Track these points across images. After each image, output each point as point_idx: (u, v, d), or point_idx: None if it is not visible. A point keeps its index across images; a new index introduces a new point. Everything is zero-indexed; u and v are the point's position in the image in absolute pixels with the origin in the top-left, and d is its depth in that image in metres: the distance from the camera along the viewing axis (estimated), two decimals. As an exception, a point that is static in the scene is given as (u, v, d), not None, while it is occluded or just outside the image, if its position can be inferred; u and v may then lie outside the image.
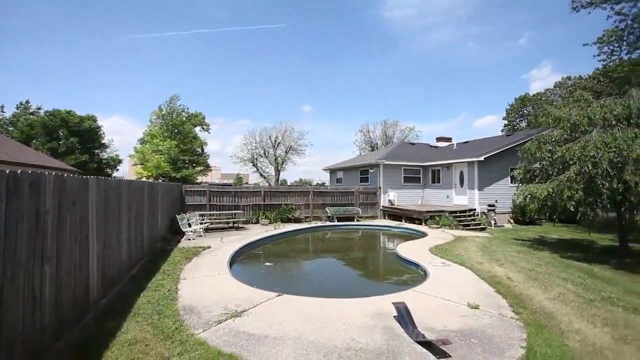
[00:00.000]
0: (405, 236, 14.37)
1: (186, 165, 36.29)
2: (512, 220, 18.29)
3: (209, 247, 10.45)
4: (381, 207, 20.74)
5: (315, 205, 19.47)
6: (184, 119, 37.40)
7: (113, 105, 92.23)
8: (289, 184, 51.73)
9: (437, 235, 13.10)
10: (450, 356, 3.91)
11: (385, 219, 20.17)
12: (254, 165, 44.90)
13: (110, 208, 5.72)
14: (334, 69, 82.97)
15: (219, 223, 15.84)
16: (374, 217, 20.44)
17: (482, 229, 15.81)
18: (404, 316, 4.72)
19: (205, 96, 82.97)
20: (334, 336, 4.39)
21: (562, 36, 62.98)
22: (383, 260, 11.77)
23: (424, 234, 13.72)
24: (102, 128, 39.06)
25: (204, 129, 41.43)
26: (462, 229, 15.44)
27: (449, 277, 7.27)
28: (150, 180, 15.53)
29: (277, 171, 45.33)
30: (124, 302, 5.41)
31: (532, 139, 12.12)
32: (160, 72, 74.05)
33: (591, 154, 8.94)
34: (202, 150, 41.07)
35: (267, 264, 10.20)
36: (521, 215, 17.49)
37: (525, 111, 48.97)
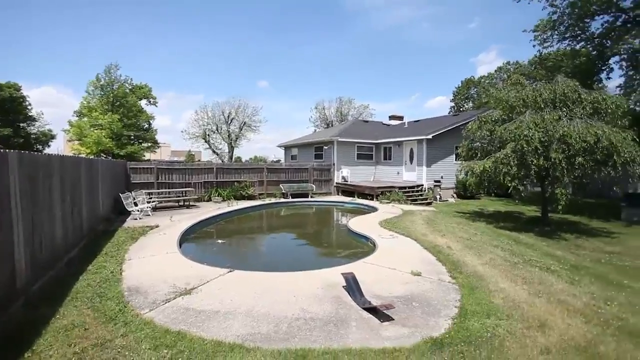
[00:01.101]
0: (358, 211, 14.89)
1: (131, 142, 33.74)
2: (455, 195, 19.67)
3: (157, 227, 10.01)
4: (335, 184, 21.14)
5: (269, 182, 19.33)
6: (127, 90, 34.39)
7: (43, 73, 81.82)
8: (243, 161, 50.59)
9: (387, 210, 13.73)
10: (393, 319, 4.22)
11: (338, 195, 20.64)
12: (206, 141, 43.05)
13: (38, 186, 5.20)
14: (291, 44, 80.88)
15: (169, 202, 15.16)
16: (328, 194, 20.81)
17: (429, 204, 16.85)
18: (352, 286, 4.96)
19: (153, 68, 76.45)
20: (285, 308, 4.51)
21: (509, 23, 66.72)
22: (335, 234, 12.13)
23: (375, 209, 14.30)
24: (27, 98, 34.73)
25: (150, 102, 38.46)
26: (411, 204, 16.32)
27: (396, 248, 7.73)
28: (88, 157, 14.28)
29: (231, 148, 43.96)
30: (60, 286, 5.05)
31: (474, 119, 12.94)
32: (101, 40, 66.47)
33: (525, 133, 9.77)
34: (150, 125, 38.34)
35: (220, 241, 10.05)
36: (463, 190, 18.82)
37: (470, 93, 51.66)
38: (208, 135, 42.88)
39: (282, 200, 18.14)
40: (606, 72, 18.04)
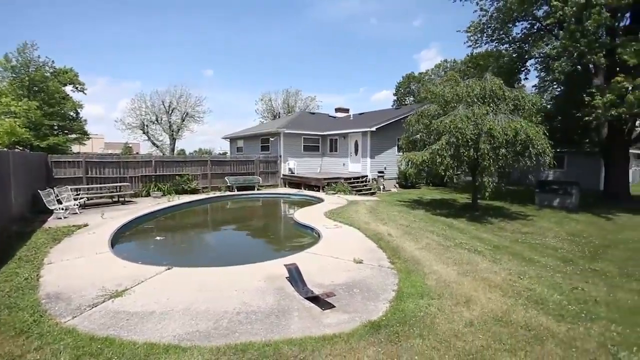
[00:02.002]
0: (304, 203, 14.99)
1: (55, 132, 30.10)
2: (397, 185, 20.69)
3: (86, 225, 9.13)
4: (282, 176, 21.02)
5: (213, 175, 18.63)
6: (47, 74, 30.42)
7: None
8: (188, 153, 48.02)
9: (332, 201, 14.01)
10: (334, 306, 4.33)
11: (285, 187, 20.58)
12: (144, 133, 40.09)
13: None
14: (239, 33, 77.73)
15: (101, 198, 13.90)
16: (274, 186, 20.64)
17: (373, 194, 17.52)
18: (295, 276, 5.00)
19: (83, 51, 68.38)
20: (225, 303, 4.40)
21: (449, 23, 71.06)
22: (281, 226, 12.11)
23: (321, 200, 14.51)
24: None
25: (77, 88, 34.53)
26: (356, 194, 16.83)
27: (340, 238, 7.93)
28: (-3, 149, 12.46)
29: (173, 140, 41.48)
30: (-41, 298, 4.38)
31: (413, 112, 13.65)
32: (15, 20, 57.65)
33: (458, 126, 10.52)
34: (77, 114, 34.48)
35: (158, 238, 9.48)
36: (404, 181, 19.89)
37: (411, 88, 54.30)
38: (147, 126, 39.99)
39: (228, 193, 17.60)
40: (524, 73, 20.11)
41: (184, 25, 73.41)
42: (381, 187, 19.06)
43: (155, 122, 40.24)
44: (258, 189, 19.10)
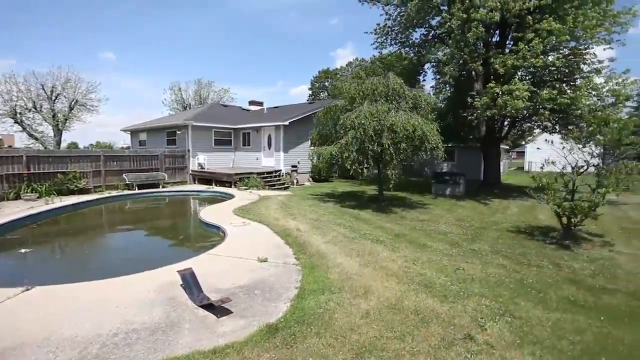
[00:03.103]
0: (213, 199, 14.16)
1: None
2: (311, 179, 21.01)
3: None
4: (190, 172, 19.56)
5: (109, 173, 16.34)
6: None
7: None
8: (83, 147, 41.35)
9: (244, 197, 13.50)
10: (231, 312, 4.03)
11: (195, 183, 19.22)
12: (17, 122, 33.11)
13: None
14: (146, 14, 69.39)
15: (-60, 204, 10.95)
16: (183, 183, 19.10)
17: (286, 188, 17.46)
18: (189, 283, 4.54)
19: None
20: (100, 324, 3.74)
21: (365, 23, 74.57)
22: (184, 226, 11.14)
23: (232, 196, 13.87)
24: None
25: None
26: (269, 189, 16.55)
27: (247, 236, 7.60)
28: None
29: (58, 131, 35.12)
30: None
31: (323, 107, 13.89)
32: None
33: (362, 122, 11.00)
34: None
35: (24, 251, 7.81)
36: (318, 174, 20.28)
37: (325, 84, 55.87)
38: (20, 114, 33.10)
39: (127, 192, 15.62)
40: (423, 75, 22.23)
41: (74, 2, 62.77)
42: (295, 181, 19.12)
43: (33, 109, 33.59)
44: (163, 187, 17.41)
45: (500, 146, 19.46)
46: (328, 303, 4.22)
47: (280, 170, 19.40)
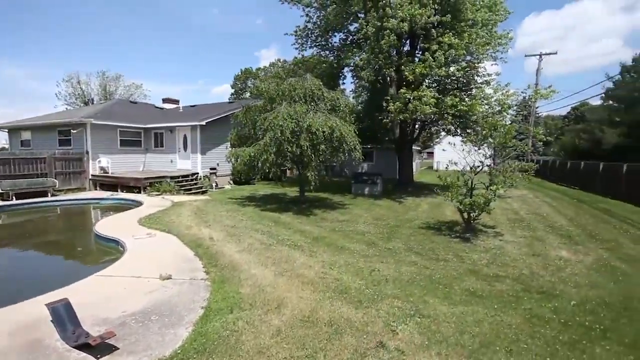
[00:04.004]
0: (117, 208, 12.48)
1: None
2: (232, 182, 20.04)
3: None
4: (91, 177, 17.03)
5: (-29, 180, 13.26)
6: None
7: None
8: None
9: (154, 204, 12.16)
10: (117, 348, 3.38)
11: (96, 189, 16.79)
12: None
13: None
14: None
15: None
16: (80, 189, 16.52)
17: (204, 192, 16.32)
18: (62, 317, 3.70)
19: None
20: None
21: (289, 24, 74.14)
22: (71, 243, 9.14)
23: (139, 203, 12.39)
24: None
25: None
26: (184, 194, 15.27)
27: (151, 249, 6.71)
28: None
29: None
30: None
31: (241, 107, 13.28)
32: None
33: (280, 123, 10.72)
34: None
35: None
36: (239, 177, 19.42)
37: (248, 83, 54.48)
38: None
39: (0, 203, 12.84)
40: (342, 78, 22.90)
41: None
42: (214, 184, 18.04)
43: None
44: (54, 195, 14.80)
45: (413, 147, 21.05)
46: (236, 323, 3.82)
47: (198, 173, 18.09)
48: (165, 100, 27.35)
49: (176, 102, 27.54)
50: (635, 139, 29.11)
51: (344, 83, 22.96)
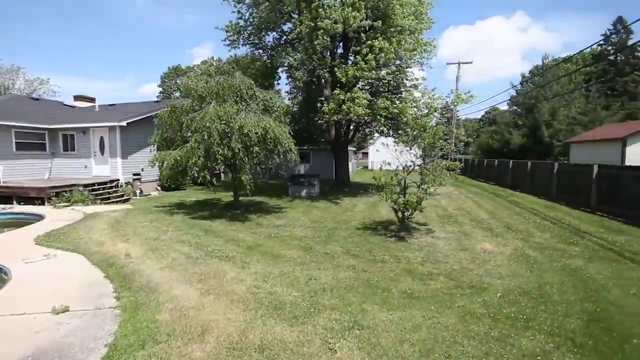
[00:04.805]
0: (10, 224, 10.45)
1: None
2: (159, 188, 18.35)
3: None
4: (-25, 188, 14.18)
5: None
6: None
7: None
8: None
9: (60, 217, 10.44)
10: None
11: (-17, 203, 14.02)
12: None
13: None
14: None
15: None
16: (-40, 204, 13.63)
17: (126, 201, 14.63)
18: None
19: None
20: None
21: (225, 21, 70.69)
22: None
23: (41, 217, 10.54)
24: None
25: None
26: (101, 204, 13.49)
27: (47, 275, 5.58)
28: None
29: None
30: None
31: (166, 107, 12.11)
32: None
33: (207, 124, 9.93)
34: None
35: None
36: (167, 183, 17.83)
37: (178, 81, 51.13)
38: None
39: None
40: (277, 78, 22.40)
41: None
42: (138, 191, 16.29)
43: None
44: None
45: (349, 148, 21.43)
46: (147, 362, 3.20)
47: (118, 180, 16.17)
48: (77, 98, 24.17)
49: (91, 100, 24.51)
50: (534, 140, 33.54)
51: (278, 84, 22.46)
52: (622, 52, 42.38)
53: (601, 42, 43.89)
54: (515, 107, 39.19)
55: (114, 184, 15.79)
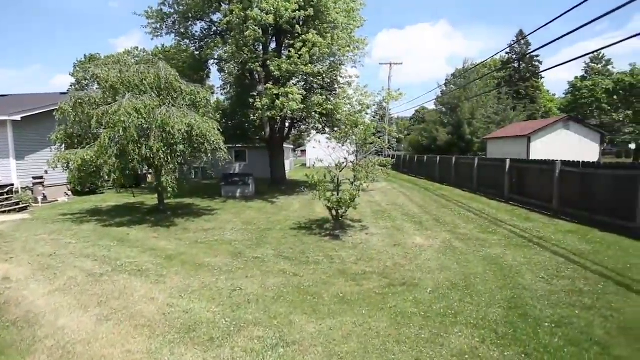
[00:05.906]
0: None
1: None
2: (70, 193, 16.02)
3: None
4: None
5: None
6: None
7: None
8: None
9: None
10: None
11: None
12: None
13: None
14: None
15: None
16: None
17: (22, 209, 12.42)
18: None
19: None
20: None
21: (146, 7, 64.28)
22: None
23: None
24: None
25: None
26: (-13, 214, 11.25)
27: None
28: None
29: None
30: None
31: (69, 99, 10.46)
32: None
33: (122, 119, 8.73)
34: None
35: None
36: (78, 186, 15.63)
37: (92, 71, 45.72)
38: None
39: None
40: (207, 72, 20.96)
41: None
42: (39, 197, 13.98)
43: None
44: None
45: (285, 145, 20.97)
46: None
47: (12, 185, 13.69)
48: (-43, 87, 20.06)
49: (-23, 90, 20.54)
50: (457, 137, 36.59)
51: (208, 77, 21.01)
52: (523, 60, 48.38)
53: (507, 51, 49.60)
54: (441, 107, 42.27)
55: (6, 190, 13.32)
